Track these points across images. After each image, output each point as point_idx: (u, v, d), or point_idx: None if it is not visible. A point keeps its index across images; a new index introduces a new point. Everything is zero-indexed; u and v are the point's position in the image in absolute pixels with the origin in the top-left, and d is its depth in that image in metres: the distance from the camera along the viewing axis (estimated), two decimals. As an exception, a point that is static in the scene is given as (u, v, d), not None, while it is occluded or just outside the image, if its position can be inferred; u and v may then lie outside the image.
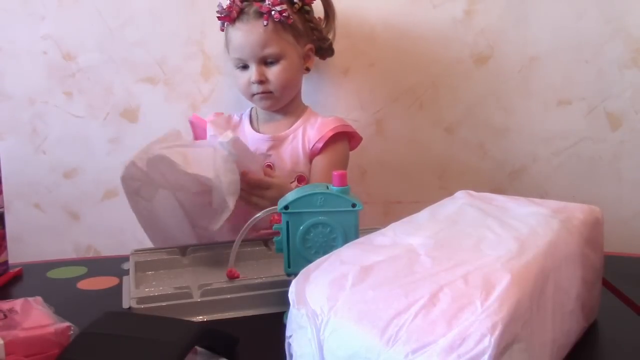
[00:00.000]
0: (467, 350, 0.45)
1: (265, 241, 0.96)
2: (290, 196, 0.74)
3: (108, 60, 1.31)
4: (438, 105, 1.39)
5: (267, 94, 1.14)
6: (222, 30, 1.15)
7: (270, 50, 1.11)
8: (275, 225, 0.76)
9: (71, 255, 1.37)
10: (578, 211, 0.70)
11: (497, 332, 0.46)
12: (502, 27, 1.35)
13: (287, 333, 0.57)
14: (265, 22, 1.09)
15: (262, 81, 1.12)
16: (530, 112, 1.41)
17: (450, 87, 1.38)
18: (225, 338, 0.65)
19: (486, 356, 0.45)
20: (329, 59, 1.27)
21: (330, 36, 1.24)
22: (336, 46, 1.24)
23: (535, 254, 0.57)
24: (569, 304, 0.63)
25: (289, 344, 0.57)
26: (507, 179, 1.40)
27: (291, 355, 0.57)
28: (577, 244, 0.65)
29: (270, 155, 1.16)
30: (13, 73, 1.30)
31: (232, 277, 0.81)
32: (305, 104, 1.23)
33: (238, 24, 1.12)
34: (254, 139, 1.18)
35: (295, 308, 0.54)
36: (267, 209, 0.78)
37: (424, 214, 0.70)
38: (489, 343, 0.45)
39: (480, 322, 0.46)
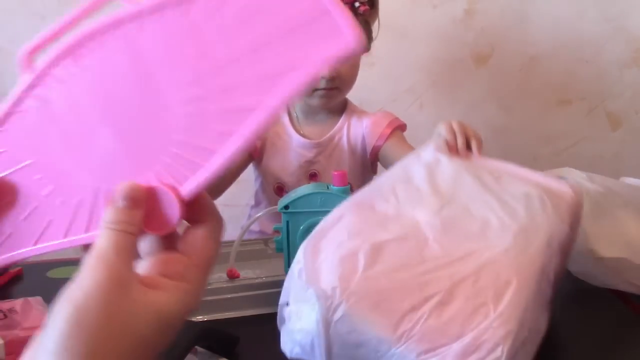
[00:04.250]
0: (481, 358, 0.46)
1: (266, 241, 0.96)
2: (290, 196, 0.74)
3: (108, 60, 1.31)
4: (438, 105, 1.39)
5: (332, 90, 1.03)
6: None
7: None
8: (275, 224, 0.76)
9: (71, 255, 1.37)
10: (567, 195, 0.69)
11: (509, 342, 0.47)
12: (502, 26, 1.35)
13: (283, 298, 0.56)
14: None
15: (333, 77, 1.01)
16: (530, 112, 1.41)
17: (450, 87, 1.38)
18: (225, 338, 0.65)
19: None
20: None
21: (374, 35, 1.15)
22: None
23: (537, 248, 0.58)
24: (550, 291, 0.63)
25: (284, 307, 0.56)
26: (507, 179, 1.41)
27: (284, 319, 0.56)
28: (566, 232, 0.65)
29: (316, 163, 1.08)
30: (13, 73, 1.30)
31: (232, 276, 0.81)
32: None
33: None
34: (299, 144, 1.08)
35: (303, 281, 0.53)
36: (268, 209, 0.78)
37: (420, 175, 0.67)
38: (501, 353, 0.47)
39: (493, 331, 0.47)
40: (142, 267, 0.33)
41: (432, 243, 0.56)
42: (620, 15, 1.36)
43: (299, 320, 0.53)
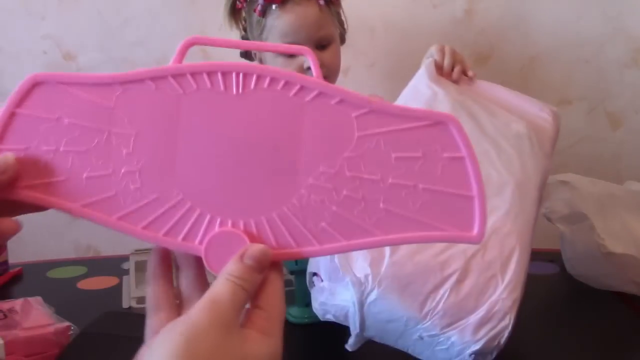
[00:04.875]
0: (493, 327, 0.55)
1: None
2: None
3: (108, 60, 1.31)
4: (438, 105, 1.38)
5: None
6: (261, 15, 1.04)
7: (325, 32, 1.06)
8: None
9: (71, 255, 1.37)
10: (549, 126, 0.76)
11: (515, 309, 0.57)
12: (502, 27, 1.35)
13: (311, 268, 0.63)
14: (321, 2, 1.04)
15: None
16: (530, 112, 1.41)
17: (450, 87, 1.38)
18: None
19: (507, 331, 0.56)
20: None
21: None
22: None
23: (531, 200, 0.65)
24: None
25: (312, 276, 0.63)
26: (507, 179, 1.40)
27: (313, 284, 0.63)
28: (548, 166, 0.72)
29: None
30: (13, 73, 1.30)
31: None
32: None
33: (289, 6, 1.03)
34: None
35: (336, 265, 0.59)
36: None
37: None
38: (509, 320, 0.56)
39: (503, 302, 0.56)
40: None
41: None
42: (620, 15, 1.35)
43: (333, 296, 0.60)
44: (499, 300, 0.56)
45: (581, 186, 0.86)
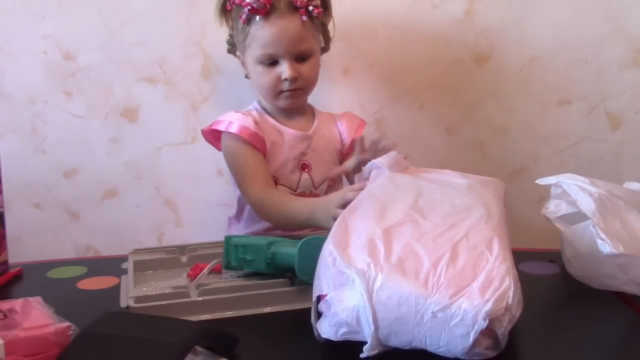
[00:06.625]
0: (496, 288, 0.61)
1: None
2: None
3: (108, 60, 1.31)
4: (438, 105, 1.39)
5: (296, 91, 1.11)
6: (245, 23, 1.08)
7: (305, 46, 1.09)
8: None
9: (71, 255, 1.37)
10: (495, 183, 0.85)
11: (511, 274, 0.63)
12: (502, 27, 1.35)
13: (320, 292, 0.66)
14: (304, 17, 1.07)
15: (295, 77, 1.09)
16: (530, 112, 1.41)
17: (450, 87, 1.38)
18: (225, 338, 0.65)
19: (510, 292, 0.61)
20: (329, 58, 1.27)
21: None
22: (336, 46, 1.24)
23: (498, 215, 0.75)
24: None
25: (319, 301, 0.66)
26: (507, 179, 1.40)
27: (322, 311, 0.65)
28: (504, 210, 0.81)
29: (306, 154, 1.14)
30: (13, 73, 1.30)
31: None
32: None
33: (272, 18, 1.06)
34: (292, 137, 1.14)
35: (339, 267, 0.64)
36: (213, 262, 0.85)
37: (387, 182, 0.80)
38: (509, 282, 0.62)
39: (497, 268, 0.63)
40: None
41: (422, 221, 0.70)
42: (620, 15, 1.36)
43: (341, 302, 0.63)
44: (493, 268, 0.63)
45: (581, 186, 0.86)
